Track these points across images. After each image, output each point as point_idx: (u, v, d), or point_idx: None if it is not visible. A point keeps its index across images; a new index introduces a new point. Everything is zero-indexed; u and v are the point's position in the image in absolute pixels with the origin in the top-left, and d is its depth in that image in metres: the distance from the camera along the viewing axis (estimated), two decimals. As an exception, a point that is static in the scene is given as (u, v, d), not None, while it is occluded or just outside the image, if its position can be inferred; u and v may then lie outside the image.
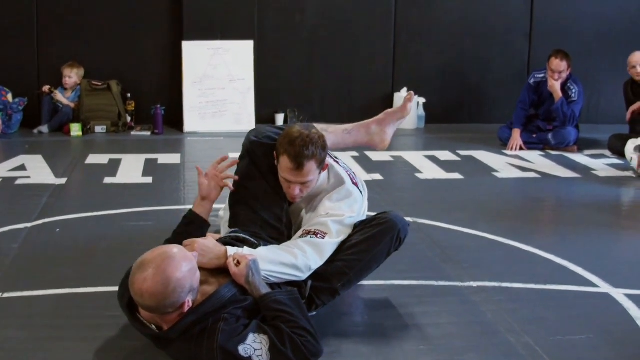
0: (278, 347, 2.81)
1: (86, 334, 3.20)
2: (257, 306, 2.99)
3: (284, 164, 3.34)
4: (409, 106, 4.06)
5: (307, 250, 3.24)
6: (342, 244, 3.42)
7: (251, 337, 2.82)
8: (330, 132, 3.79)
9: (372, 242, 3.39)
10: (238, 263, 3.03)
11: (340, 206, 3.45)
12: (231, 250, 3.13)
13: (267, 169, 3.50)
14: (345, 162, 3.80)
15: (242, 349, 2.78)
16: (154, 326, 2.89)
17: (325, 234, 3.33)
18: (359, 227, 3.49)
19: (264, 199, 3.50)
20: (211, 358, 2.78)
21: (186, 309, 2.81)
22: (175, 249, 2.86)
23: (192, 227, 3.42)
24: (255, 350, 2.79)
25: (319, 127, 3.63)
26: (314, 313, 3.34)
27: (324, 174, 3.52)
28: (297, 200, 3.50)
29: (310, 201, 3.54)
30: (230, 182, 3.53)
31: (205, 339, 2.80)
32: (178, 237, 3.34)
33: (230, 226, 3.51)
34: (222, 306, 2.89)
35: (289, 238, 3.47)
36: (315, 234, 3.32)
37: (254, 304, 2.99)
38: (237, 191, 3.54)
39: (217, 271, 3.10)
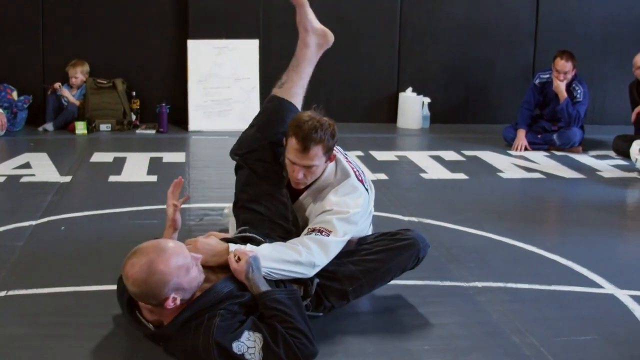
0: (271, 347, 2.82)
1: (90, 332, 3.20)
2: (256, 302, 3.00)
3: (291, 144, 3.37)
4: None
5: (311, 247, 3.24)
6: (360, 250, 3.44)
7: (245, 335, 2.84)
8: None
9: (390, 254, 3.43)
10: (239, 259, 3.05)
11: (345, 200, 3.44)
12: (232, 247, 3.15)
13: (263, 171, 3.56)
14: (354, 160, 3.80)
15: (236, 346, 2.80)
16: (151, 325, 2.91)
17: (330, 231, 3.32)
18: (380, 237, 3.53)
19: (266, 200, 3.52)
20: (207, 353, 2.79)
21: (170, 305, 2.83)
22: (171, 243, 2.90)
23: None
24: (248, 348, 2.81)
25: None
26: (321, 315, 3.34)
27: (331, 166, 3.53)
28: (300, 186, 3.51)
29: (317, 195, 3.54)
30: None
31: (201, 333, 2.82)
32: None
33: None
34: (219, 301, 2.91)
35: (298, 235, 3.47)
36: (320, 231, 3.32)
37: (252, 299, 3.00)
38: (240, 199, 3.55)
39: (219, 269, 3.12)
